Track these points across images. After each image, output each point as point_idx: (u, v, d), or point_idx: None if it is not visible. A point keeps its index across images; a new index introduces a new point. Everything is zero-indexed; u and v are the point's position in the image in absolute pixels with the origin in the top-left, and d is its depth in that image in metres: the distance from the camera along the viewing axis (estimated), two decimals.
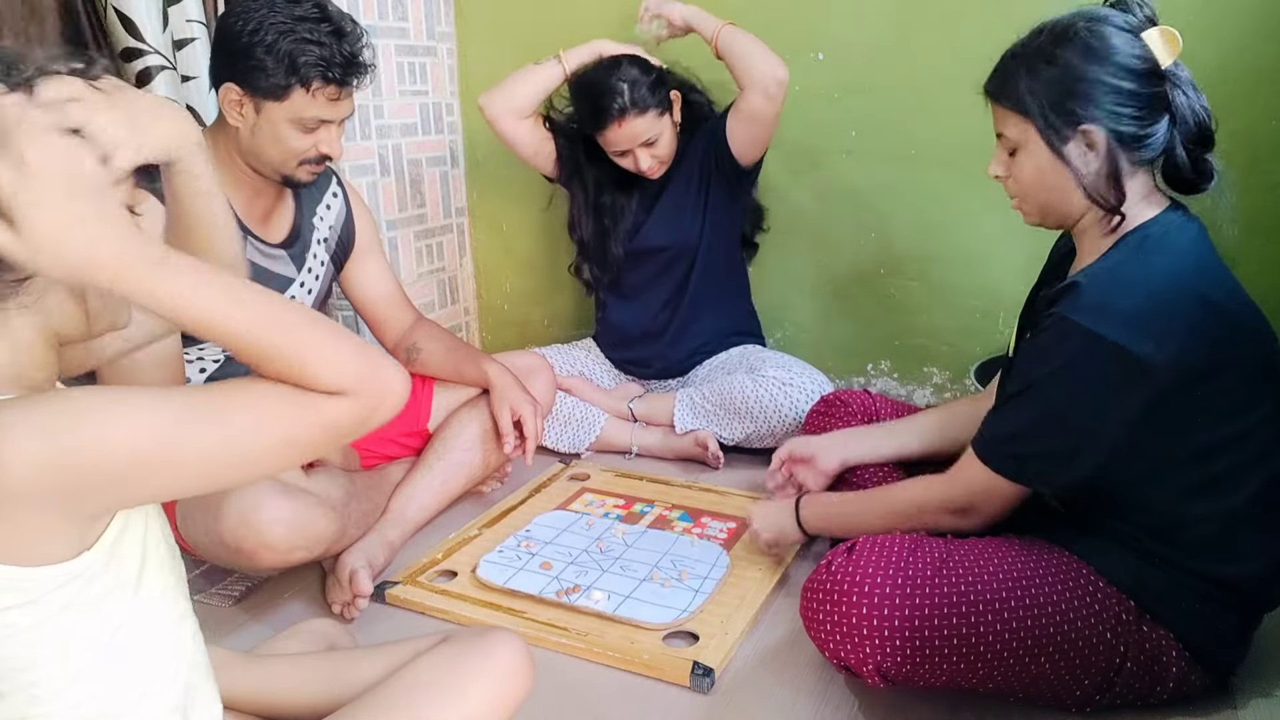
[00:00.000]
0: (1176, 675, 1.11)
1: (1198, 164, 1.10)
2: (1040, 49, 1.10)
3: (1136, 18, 1.09)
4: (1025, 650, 1.07)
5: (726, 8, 2.13)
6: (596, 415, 2.06)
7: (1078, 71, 1.07)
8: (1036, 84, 1.09)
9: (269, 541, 1.32)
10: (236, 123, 1.43)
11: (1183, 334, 1.02)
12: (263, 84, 1.38)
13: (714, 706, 1.21)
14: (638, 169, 1.95)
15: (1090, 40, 1.07)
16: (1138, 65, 1.06)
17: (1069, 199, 1.12)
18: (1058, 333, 1.06)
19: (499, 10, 2.39)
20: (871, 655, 1.06)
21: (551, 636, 1.34)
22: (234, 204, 1.48)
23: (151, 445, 0.64)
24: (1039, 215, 1.19)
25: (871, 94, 2.05)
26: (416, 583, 1.49)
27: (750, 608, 1.40)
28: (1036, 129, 1.10)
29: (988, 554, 1.12)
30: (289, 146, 1.43)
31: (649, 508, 1.76)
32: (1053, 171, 1.11)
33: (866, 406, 1.59)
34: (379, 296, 1.77)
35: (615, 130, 1.90)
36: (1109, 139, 1.07)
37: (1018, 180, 1.16)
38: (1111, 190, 1.09)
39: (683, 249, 2.06)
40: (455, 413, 1.77)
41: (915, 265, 2.12)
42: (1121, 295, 1.04)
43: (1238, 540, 1.09)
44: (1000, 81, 1.14)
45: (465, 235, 2.58)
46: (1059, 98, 1.08)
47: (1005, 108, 1.13)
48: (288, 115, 1.40)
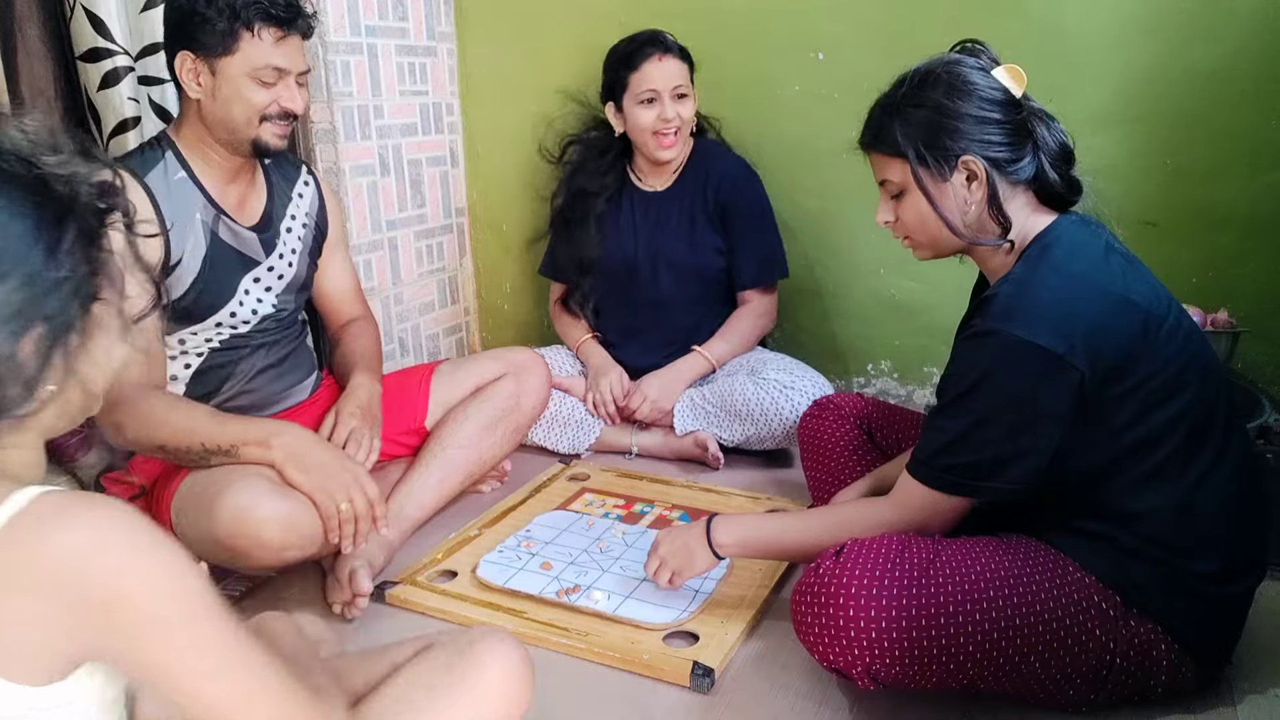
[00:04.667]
0: (1168, 669, 1.11)
1: (1065, 179, 1.17)
2: (907, 96, 1.17)
3: (983, 60, 1.17)
4: (1015, 650, 1.07)
5: (727, 8, 2.14)
6: (595, 418, 2.07)
7: (947, 109, 1.14)
8: (909, 128, 1.15)
9: (263, 540, 1.32)
10: (197, 94, 1.44)
11: (1091, 327, 1.06)
12: (210, 39, 1.40)
13: (714, 706, 1.21)
14: (663, 121, 1.96)
15: (952, 80, 1.14)
16: (998, 96, 1.14)
17: (954, 237, 1.18)
18: (974, 343, 1.12)
19: (499, 10, 2.39)
20: (861, 658, 1.06)
21: (551, 636, 1.34)
22: (208, 186, 1.50)
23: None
24: (931, 249, 1.24)
25: (871, 94, 2.04)
26: (416, 583, 1.49)
27: (750, 608, 1.40)
28: (915, 170, 1.16)
29: (975, 554, 1.12)
30: (250, 101, 1.44)
31: (649, 508, 1.76)
32: (941, 206, 1.17)
33: (858, 409, 1.59)
34: (334, 290, 1.78)
35: (655, 63, 1.94)
36: (986, 166, 1.13)
37: (905, 223, 1.21)
38: (994, 218, 1.16)
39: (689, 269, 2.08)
40: (452, 410, 1.77)
41: (915, 265, 2.11)
42: (1028, 298, 1.08)
43: (1195, 527, 1.10)
44: (875, 132, 1.20)
45: (465, 235, 2.58)
46: (934, 136, 1.14)
47: (884, 154, 1.19)
48: (242, 68, 1.42)
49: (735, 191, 2.04)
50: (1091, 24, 1.84)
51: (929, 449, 1.16)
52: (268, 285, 1.59)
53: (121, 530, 0.66)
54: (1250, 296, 1.84)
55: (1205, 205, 1.85)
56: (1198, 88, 1.79)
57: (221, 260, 1.52)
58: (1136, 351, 1.07)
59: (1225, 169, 1.82)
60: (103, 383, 0.75)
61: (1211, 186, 1.84)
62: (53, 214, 0.68)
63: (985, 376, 1.09)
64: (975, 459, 1.12)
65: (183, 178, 1.49)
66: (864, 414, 1.59)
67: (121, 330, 0.76)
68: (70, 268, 0.69)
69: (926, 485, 1.16)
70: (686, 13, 2.17)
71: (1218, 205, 1.84)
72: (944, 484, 1.15)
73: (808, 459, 1.63)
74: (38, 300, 0.67)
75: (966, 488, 1.14)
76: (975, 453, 1.12)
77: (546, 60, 2.35)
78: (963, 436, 1.12)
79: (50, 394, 0.70)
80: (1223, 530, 1.11)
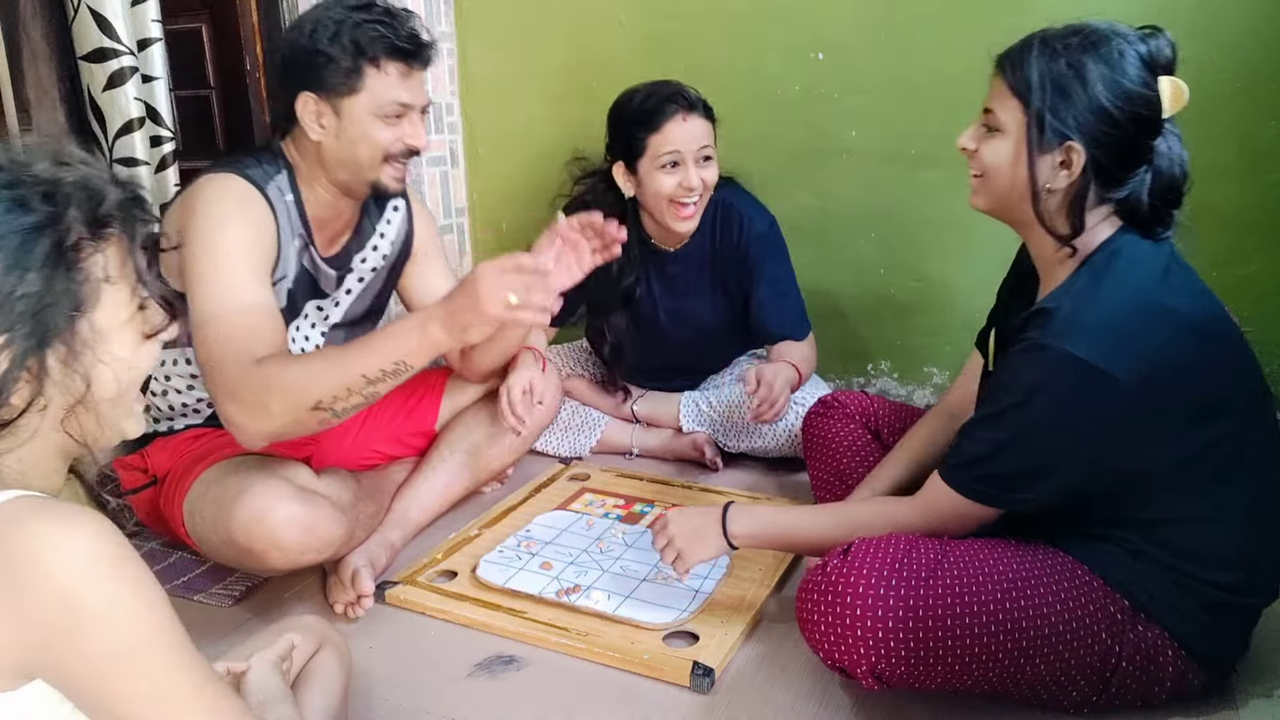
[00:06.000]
0: (1174, 675, 1.11)
1: (1157, 213, 1.10)
2: (1069, 48, 1.07)
3: (1161, 58, 1.07)
4: (1020, 651, 1.07)
5: (728, 8, 2.14)
6: (597, 419, 2.06)
7: (1091, 89, 1.06)
8: (1048, 81, 1.07)
9: (281, 543, 1.31)
10: (319, 135, 1.41)
11: (1148, 345, 1.03)
12: (335, 77, 1.37)
13: (714, 706, 1.21)
14: (685, 189, 1.77)
15: (1117, 62, 1.06)
16: (1142, 107, 1.06)
17: (1023, 203, 1.12)
18: (1028, 357, 1.08)
19: (499, 10, 2.39)
20: (866, 657, 1.06)
21: (551, 636, 1.34)
22: (313, 218, 1.47)
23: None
24: (989, 201, 1.18)
25: (871, 94, 2.05)
26: (416, 583, 1.49)
27: (750, 607, 1.40)
28: (1026, 122, 1.09)
29: (983, 555, 1.12)
30: (375, 140, 1.40)
31: (649, 508, 1.76)
32: (1019, 168, 1.11)
33: (864, 408, 1.59)
34: (423, 299, 1.70)
35: (679, 124, 1.74)
36: (1087, 164, 1.08)
37: (984, 160, 1.15)
38: (1069, 216, 1.10)
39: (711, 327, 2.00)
40: (461, 415, 1.77)
41: (915, 265, 2.12)
42: (1088, 313, 1.05)
43: (1219, 538, 1.09)
44: (1017, 59, 1.11)
45: (465, 235, 2.58)
46: (1062, 104, 1.07)
47: (1008, 86, 1.11)
48: (368, 107, 1.38)
49: (759, 259, 1.90)
50: None
51: (965, 456, 1.14)
52: (325, 314, 1.59)
53: (87, 548, 0.64)
54: (1252, 297, 1.84)
55: (1206, 205, 1.85)
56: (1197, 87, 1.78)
57: (300, 287, 1.51)
58: (1192, 371, 1.05)
59: (1225, 169, 1.82)
60: (114, 391, 0.74)
61: (1212, 186, 1.84)
62: (30, 226, 0.67)
63: (1035, 391, 1.06)
64: (1012, 471, 1.10)
65: (291, 200, 1.46)
66: (869, 412, 1.59)
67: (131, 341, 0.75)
68: (44, 279, 0.68)
69: (958, 492, 1.14)
70: (686, 13, 2.17)
71: (1219, 205, 1.84)
72: (977, 493, 1.13)
73: (812, 457, 1.62)
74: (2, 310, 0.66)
75: (999, 499, 1.13)
76: (1013, 465, 1.10)
77: (546, 60, 2.35)
78: (1003, 448, 1.10)
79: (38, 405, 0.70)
80: (1248, 543, 1.10)
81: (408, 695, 1.24)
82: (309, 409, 1.26)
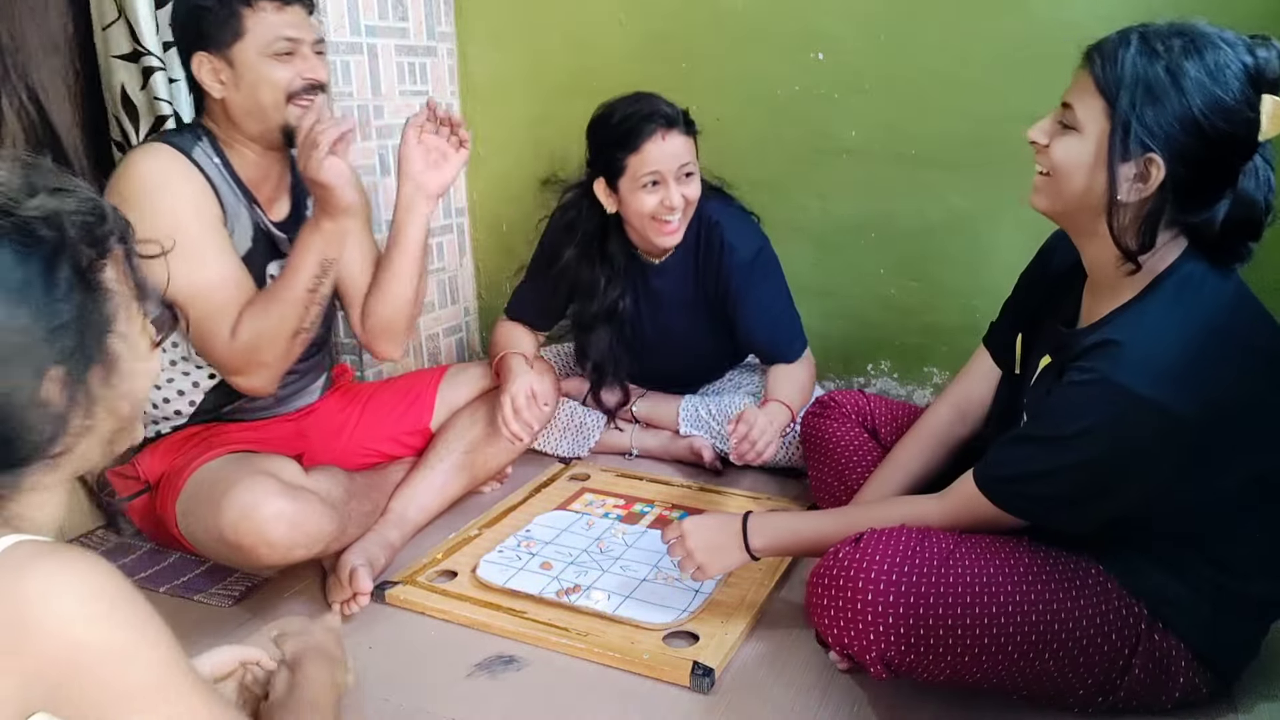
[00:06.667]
0: (1184, 685, 1.10)
1: (1229, 241, 1.03)
2: (1170, 50, 0.98)
3: (1268, 72, 0.99)
4: (1029, 646, 1.06)
5: (728, 8, 2.14)
6: (596, 419, 2.06)
7: (1187, 99, 0.96)
8: (1140, 83, 0.98)
9: (269, 539, 1.32)
10: (221, 91, 1.45)
11: (1222, 384, 0.99)
12: (217, 29, 1.42)
13: (714, 706, 1.21)
14: (666, 208, 1.74)
15: (1219, 72, 0.97)
16: (1239, 128, 0.98)
17: (1092, 211, 1.05)
18: (1094, 391, 1.01)
19: (499, 10, 2.39)
20: (875, 644, 1.06)
21: (551, 636, 1.34)
22: (245, 179, 1.51)
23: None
24: (1054, 203, 1.09)
25: (871, 94, 2.05)
26: (416, 583, 1.49)
27: (750, 607, 1.40)
28: (1109, 125, 1.00)
29: (994, 550, 1.12)
30: (273, 80, 1.44)
31: (649, 508, 1.76)
32: (1094, 174, 1.02)
33: (861, 407, 1.59)
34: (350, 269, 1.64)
35: (657, 143, 1.70)
36: (1166, 180, 0.99)
37: (1055, 157, 1.06)
38: (1139, 233, 1.02)
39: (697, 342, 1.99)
40: (458, 413, 1.78)
41: (915, 265, 2.12)
42: (1162, 353, 0.99)
43: (1269, 552, 1.08)
44: (1111, 54, 1.01)
45: (465, 235, 2.58)
46: (1151, 111, 0.97)
47: (1095, 81, 1.01)
48: (255, 48, 1.42)
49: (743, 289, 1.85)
50: (1094, 23, 1.83)
51: (1009, 469, 1.11)
52: None
53: (90, 592, 0.65)
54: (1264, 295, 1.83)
55: None
56: None
57: (261, 249, 1.55)
58: (1264, 405, 1.02)
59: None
60: (130, 406, 0.75)
61: None
62: (44, 257, 0.68)
63: (1101, 428, 1.01)
64: (1063, 496, 1.07)
65: (219, 163, 1.50)
66: (866, 411, 1.58)
67: (144, 350, 0.76)
68: (76, 305, 0.69)
69: (995, 503, 1.11)
70: (686, 13, 2.17)
71: None
72: (1014, 507, 1.11)
73: (811, 457, 1.62)
74: (49, 344, 0.67)
75: (1035, 514, 1.11)
76: (1064, 491, 1.07)
77: (546, 60, 2.35)
78: (1051, 473, 1.06)
79: (84, 428, 0.71)
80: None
81: (408, 695, 1.24)
82: (290, 340, 1.44)
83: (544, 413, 1.73)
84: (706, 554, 1.29)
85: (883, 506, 1.27)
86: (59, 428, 0.68)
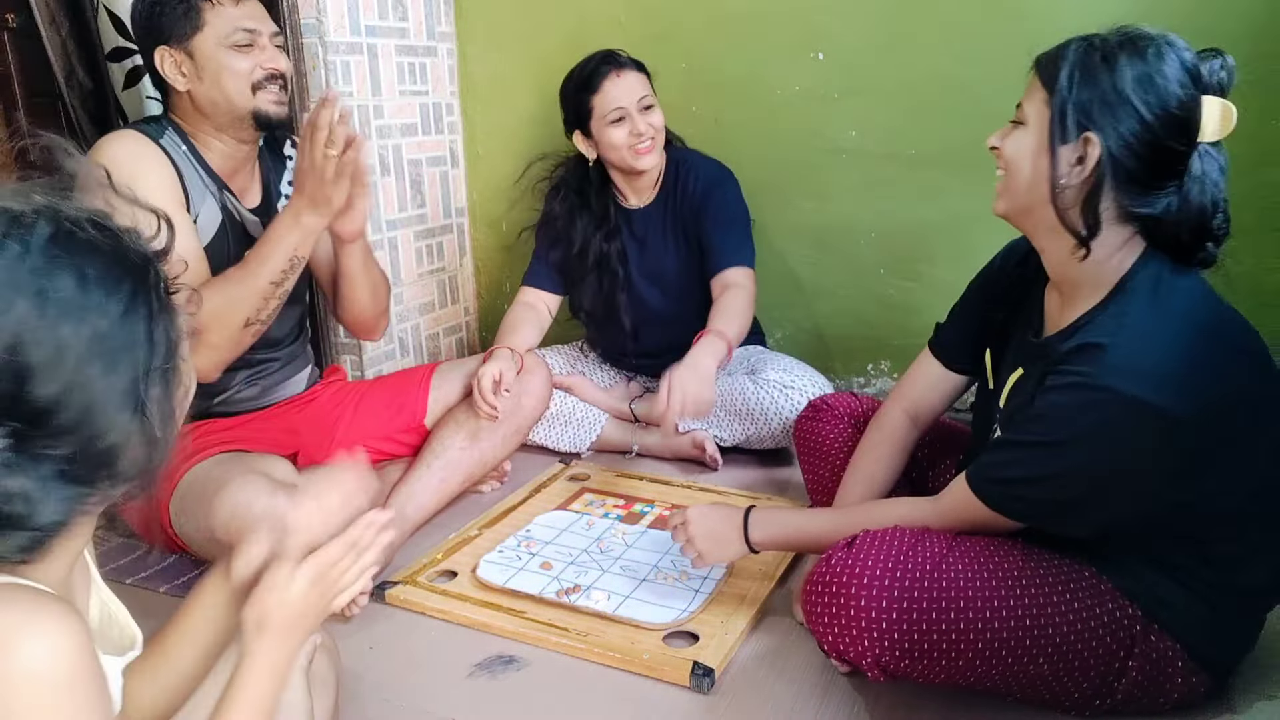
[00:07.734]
0: (1181, 686, 1.10)
1: (1182, 243, 1.05)
2: (1107, 43, 1.03)
3: (1213, 77, 1.02)
4: (1023, 650, 1.07)
5: (727, 8, 2.14)
6: (596, 415, 2.07)
7: (1119, 78, 1.00)
8: (1077, 70, 1.03)
9: None
10: (185, 84, 1.47)
11: (1215, 382, 0.99)
12: (176, 24, 1.44)
13: (714, 706, 1.21)
14: (635, 136, 1.88)
15: (1154, 59, 1.00)
16: (1174, 110, 1.00)
17: (1042, 200, 1.07)
18: (1083, 396, 1.01)
19: (499, 10, 2.39)
20: (870, 648, 1.06)
21: (551, 636, 1.34)
22: (215, 169, 1.52)
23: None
24: (1009, 202, 1.12)
25: (871, 94, 2.05)
26: (416, 583, 1.49)
27: (750, 607, 1.40)
28: (1050, 112, 1.04)
29: (989, 553, 1.12)
30: (236, 70, 1.46)
31: (649, 508, 1.76)
32: (1039, 160, 1.06)
33: (853, 409, 1.59)
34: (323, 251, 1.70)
35: (614, 81, 1.88)
36: (1103, 159, 1.01)
37: (1006, 154, 1.10)
38: (1084, 213, 1.04)
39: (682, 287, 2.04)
40: (452, 410, 1.78)
41: (915, 265, 2.12)
42: (1153, 353, 0.99)
43: (1267, 544, 1.08)
44: (1054, 54, 1.07)
45: (465, 235, 2.59)
46: (1086, 91, 1.02)
47: (1040, 80, 1.07)
48: (214, 39, 1.45)
49: (707, 194, 1.97)
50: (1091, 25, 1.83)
51: (1003, 472, 1.10)
52: None
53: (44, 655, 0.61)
54: (1243, 294, 1.83)
55: None
56: None
57: (234, 236, 1.55)
58: (1246, 401, 1.02)
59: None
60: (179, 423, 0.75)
61: None
62: (134, 283, 0.67)
63: (1090, 432, 1.00)
64: (1051, 498, 1.07)
65: (187, 151, 1.51)
66: (859, 414, 1.58)
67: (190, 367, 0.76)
68: (164, 329, 0.68)
69: (989, 505, 1.12)
70: (686, 13, 2.17)
71: None
72: (1009, 510, 1.11)
73: (805, 461, 1.62)
74: (149, 369, 0.67)
75: (1030, 517, 1.11)
76: (1053, 493, 1.07)
77: (546, 60, 2.35)
78: (1045, 477, 1.06)
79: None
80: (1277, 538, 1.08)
81: (408, 695, 1.24)
82: (241, 329, 1.43)
83: (525, 400, 1.79)
84: (707, 542, 1.31)
85: (880, 507, 1.28)
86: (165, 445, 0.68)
